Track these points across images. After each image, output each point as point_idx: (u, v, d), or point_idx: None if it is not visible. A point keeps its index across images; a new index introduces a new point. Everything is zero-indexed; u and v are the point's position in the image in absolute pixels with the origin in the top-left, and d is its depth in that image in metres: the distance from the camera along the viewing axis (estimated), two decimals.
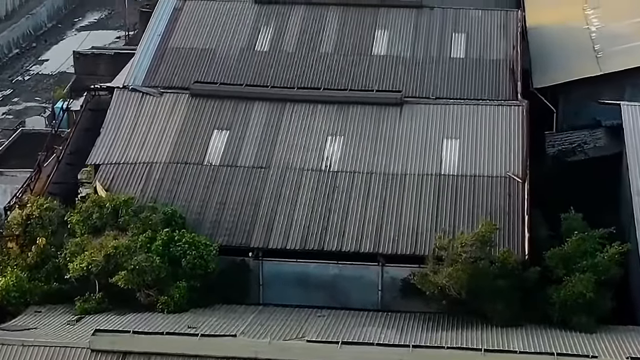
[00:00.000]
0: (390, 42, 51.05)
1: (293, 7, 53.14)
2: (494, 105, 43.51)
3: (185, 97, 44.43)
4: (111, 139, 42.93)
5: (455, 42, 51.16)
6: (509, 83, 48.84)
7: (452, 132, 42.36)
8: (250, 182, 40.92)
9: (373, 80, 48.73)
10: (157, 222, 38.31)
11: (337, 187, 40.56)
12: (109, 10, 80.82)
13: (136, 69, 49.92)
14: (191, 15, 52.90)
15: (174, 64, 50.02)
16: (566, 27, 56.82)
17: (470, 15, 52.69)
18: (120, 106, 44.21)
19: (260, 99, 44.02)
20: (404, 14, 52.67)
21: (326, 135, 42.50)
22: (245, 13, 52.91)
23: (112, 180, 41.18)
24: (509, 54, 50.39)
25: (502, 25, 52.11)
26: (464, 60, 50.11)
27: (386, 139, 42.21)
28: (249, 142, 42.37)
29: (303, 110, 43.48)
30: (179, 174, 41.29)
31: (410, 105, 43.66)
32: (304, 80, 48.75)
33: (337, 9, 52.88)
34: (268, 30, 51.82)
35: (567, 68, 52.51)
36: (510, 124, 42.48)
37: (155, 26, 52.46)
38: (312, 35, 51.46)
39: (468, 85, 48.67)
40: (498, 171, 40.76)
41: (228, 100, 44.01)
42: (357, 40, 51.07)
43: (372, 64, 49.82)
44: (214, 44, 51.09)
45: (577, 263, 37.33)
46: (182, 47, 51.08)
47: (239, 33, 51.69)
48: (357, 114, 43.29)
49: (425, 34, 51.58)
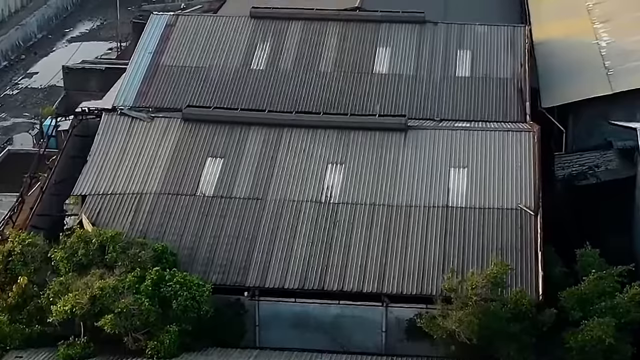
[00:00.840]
0: (392, 60, 48.33)
1: (291, 22, 50.40)
2: (504, 131, 40.64)
3: (177, 121, 41.57)
4: (98, 167, 40.09)
5: (460, 59, 48.44)
6: (517, 103, 46.17)
7: (459, 160, 39.52)
8: (245, 215, 38.08)
9: (374, 101, 46.09)
10: (146, 259, 35.49)
11: (338, 220, 37.74)
12: (101, 20, 77.91)
13: (126, 89, 47.22)
14: (184, 31, 50.15)
15: (166, 84, 47.34)
16: (574, 42, 54.05)
17: (476, 31, 49.95)
18: (109, 132, 41.36)
19: (256, 124, 41.16)
20: (406, 30, 49.93)
21: (326, 164, 39.66)
22: (240, 28, 50.19)
23: (100, 213, 38.36)
24: (517, 72, 47.69)
25: (509, 42, 49.38)
26: (470, 79, 47.41)
27: (390, 167, 39.36)
28: (244, 171, 39.53)
29: (301, 136, 40.63)
30: (170, 206, 38.45)
31: (414, 130, 40.80)
32: (302, 101, 46.14)
33: (337, 25, 50.14)
34: (264, 47, 49.09)
35: (577, 86, 49.77)
36: (520, 152, 39.65)
37: (146, 43, 49.71)
38: (310, 53, 48.74)
39: (474, 106, 46.02)
40: (508, 203, 37.95)
41: (222, 125, 41.15)
42: (357, 58, 48.35)
43: (373, 84, 47.12)
44: (208, 62, 48.39)
45: (594, 304, 34.57)
46: (174, 65, 48.36)
47: (234, 50, 48.97)
48: (359, 140, 40.43)
49: (428, 51, 48.86)
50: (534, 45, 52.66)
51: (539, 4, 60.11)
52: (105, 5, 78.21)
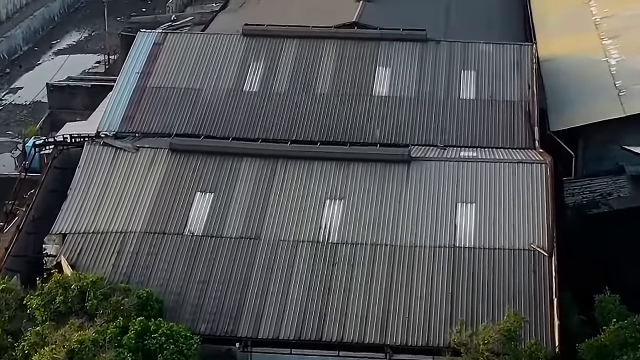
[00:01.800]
0: (393, 81, 45.19)
1: (285, 40, 47.21)
2: (514, 162, 37.52)
3: (164, 152, 38.37)
4: (79, 203, 36.91)
5: (464, 80, 45.31)
6: (525, 128, 43.08)
7: (467, 195, 36.39)
8: (237, 257, 34.92)
9: (374, 125, 42.97)
10: (129, 307, 32.41)
11: (337, 262, 34.61)
12: (89, 31, 74.55)
13: (111, 113, 44.04)
14: (173, 50, 46.96)
15: (153, 107, 44.16)
16: (583, 59, 50.86)
17: (480, 50, 46.81)
18: (91, 163, 38.16)
19: (249, 155, 38.02)
20: (407, 49, 46.78)
21: (324, 199, 36.50)
22: (233, 47, 46.99)
23: (80, 254, 35.20)
24: (524, 94, 44.62)
25: (515, 62, 46.25)
26: (475, 102, 44.31)
27: (392, 203, 36.21)
28: (235, 207, 36.36)
29: (297, 168, 37.48)
30: (156, 247, 35.28)
31: (418, 162, 37.68)
32: (298, 126, 42.96)
33: (334, 43, 46.95)
34: (258, 67, 45.93)
35: (587, 108, 46.64)
36: (532, 186, 36.54)
37: (133, 63, 46.50)
38: (306, 73, 45.56)
39: (480, 131, 42.91)
40: (521, 243, 34.85)
41: (212, 156, 37.97)
42: (356, 79, 45.18)
43: (373, 107, 43.97)
44: (198, 83, 45.22)
45: (616, 357, 31.60)
46: (162, 86, 45.19)
47: (226, 70, 45.79)
48: (359, 173, 37.27)
49: (431, 71, 45.72)
50: (541, 62, 49.56)
51: (544, 18, 56.95)
52: (93, 16, 74.84)
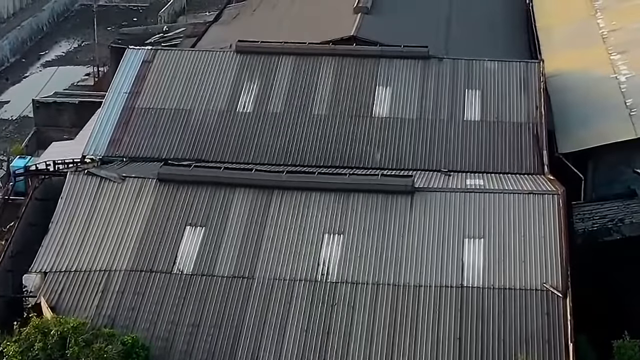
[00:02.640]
0: (394, 102, 42.66)
1: (281, 57, 44.67)
2: (524, 194, 34.91)
3: (152, 182, 35.68)
4: (61, 238, 34.28)
5: (469, 101, 42.80)
6: (533, 151, 40.61)
7: (474, 230, 33.77)
8: (229, 298, 32.27)
9: (374, 149, 40.53)
10: (113, 355, 29.86)
11: (337, 303, 31.99)
12: (78, 42, 71.88)
13: (98, 135, 41.56)
14: (163, 68, 44.40)
15: (141, 129, 41.67)
16: (591, 76, 48.33)
17: (485, 68, 44.26)
18: (73, 195, 35.53)
19: (242, 186, 35.39)
20: (408, 67, 44.24)
21: (322, 234, 33.91)
22: (226, 65, 44.43)
23: (61, 294, 32.58)
24: (532, 115, 42.10)
25: (522, 80, 43.72)
26: (480, 124, 41.78)
27: (395, 238, 33.61)
28: (228, 242, 33.74)
29: (293, 200, 34.86)
30: (142, 286, 32.62)
31: (422, 193, 35.06)
32: (294, 150, 40.52)
33: (332, 60, 44.41)
34: (252, 87, 43.40)
35: (596, 128, 44.17)
36: (544, 219, 33.92)
37: (121, 82, 43.94)
38: (303, 93, 43.02)
39: (486, 155, 40.43)
40: (532, 282, 32.26)
41: (203, 187, 35.31)
42: (354, 99, 42.65)
43: (372, 129, 41.47)
44: (189, 104, 42.69)
45: None
46: (151, 107, 42.67)
47: (218, 90, 43.25)
48: (359, 205, 34.64)
49: (433, 91, 43.19)
50: (547, 79, 47.08)
51: (548, 31, 54.44)
52: (83, 25, 72.23)
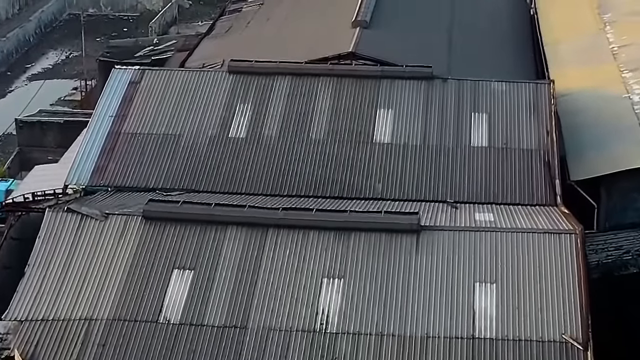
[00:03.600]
0: (396, 126, 39.80)
1: (276, 77, 41.79)
2: (539, 233, 32.01)
3: (137, 220, 32.74)
4: (39, 283, 31.25)
5: (475, 125, 39.95)
6: (544, 181, 37.81)
7: (486, 273, 30.85)
8: (220, 350, 29.16)
9: (376, 178, 37.69)
10: None
11: (337, 356, 29.15)
12: (66, 53, 68.89)
13: (81, 163, 38.69)
14: (151, 89, 41.51)
15: (128, 156, 38.81)
16: (602, 96, 45.45)
17: (492, 90, 41.40)
18: (52, 235, 32.55)
19: (235, 224, 32.48)
20: (411, 88, 41.37)
21: (321, 278, 30.97)
22: (217, 86, 41.55)
23: (37, 346, 29.49)
24: (543, 141, 39.28)
25: (532, 103, 40.88)
26: (488, 150, 38.95)
27: (400, 283, 30.66)
28: (219, 288, 30.76)
29: (290, 240, 31.92)
30: (126, 337, 29.57)
31: (429, 232, 32.18)
32: (289, 179, 37.66)
33: (330, 81, 41.52)
34: (245, 110, 40.54)
35: (610, 153, 41.29)
36: (562, 262, 31.02)
37: (106, 105, 41.03)
38: (299, 116, 40.15)
39: (494, 185, 37.58)
40: (550, 333, 29.36)
41: (192, 225, 32.38)
42: (354, 123, 39.77)
43: (373, 156, 38.60)
44: (178, 129, 39.82)
45: None
46: (139, 132, 39.80)
47: (209, 113, 40.37)
48: (361, 246, 31.69)
49: (438, 114, 40.32)
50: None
51: (555, 46, 51.64)
52: (72, 35, 69.15)
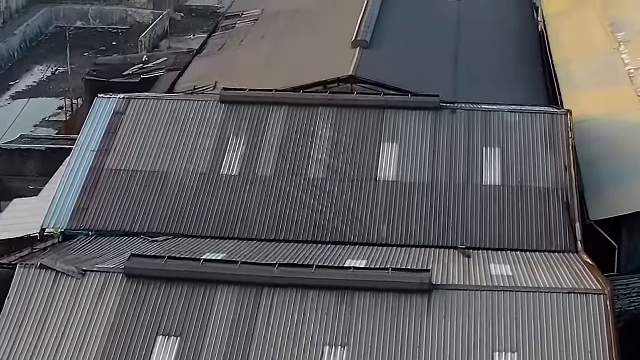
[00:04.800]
0: (402, 162, 36.28)
1: (272, 108, 38.26)
2: (563, 293, 28.49)
3: (118, 278, 29.14)
4: (8, 348, 27.59)
5: (487, 161, 36.43)
6: (564, 224, 34.34)
7: (505, 341, 27.20)
8: None
9: (380, 221, 34.26)
10: None
11: None
12: (52, 69, 65.18)
13: (60, 203, 35.22)
14: (137, 121, 37.99)
15: (111, 196, 35.31)
16: (620, 123, 41.90)
17: (505, 121, 37.87)
18: (24, 295, 28.87)
19: (226, 283, 28.91)
20: (417, 119, 37.85)
21: (322, 346, 27.30)
22: (208, 117, 38.02)
23: None
24: (560, 178, 35.81)
25: (548, 136, 37.35)
26: (501, 189, 35.43)
27: (410, 351, 27.21)
28: (207, 358, 27.35)
29: (287, 301, 28.27)
30: None
31: (441, 292, 28.64)
32: (285, 222, 34.19)
33: (331, 112, 38.01)
34: (239, 144, 37.03)
35: (631, 189, 37.89)
36: (589, 328, 27.46)
37: (88, 138, 37.50)
38: (297, 152, 36.64)
39: (509, 229, 34.09)
40: None
41: (179, 284, 28.80)
42: (356, 159, 36.27)
43: (378, 196, 35.09)
44: (166, 165, 36.30)
45: None
46: (123, 169, 36.28)
47: (200, 147, 36.84)
48: (366, 308, 28.02)
49: (447, 148, 36.79)
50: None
51: (567, 67, 48.13)
52: (58, 50, 65.26)
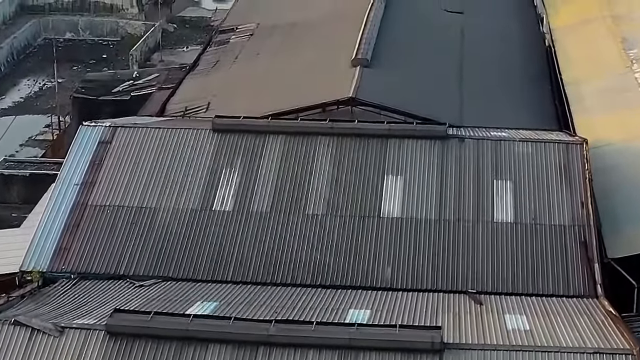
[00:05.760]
0: (407, 197, 33.57)
1: (268, 137, 35.53)
2: (588, 353, 25.75)
3: (99, 337, 26.38)
4: None
5: (498, 196, 33.70)
6: (582, 266, 31.67)
7: None
8: None
9: (384, 262, 31.65)
10: None
11: None
12: (40, 84, 62.30)
13: (40, 242, 32.57)
14: (123, 152, 35.24)
15: (95, 234, 32.65)
16: (635, 150, 39.34)
17: (516, 151, 35.12)
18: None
19: (217, 341, 26.11)
20: (423, 149, 35.13)
21: None
22: (200, 148, 35.30)
23: None
24: (577, 215, 33.10)
25: (562, 167, 34.65)
26: (514, 227, 32.72)
27: None
28: None
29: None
30: None
31: (454, 352, 25.88)
32: (282, 263, 31.63)
33: (331, 141, 35.29)
34: (232, 177, 34.31)
35: None
36: None
37: (71, 170, 34.77)
38: (295, 185, 33.96)
39: (523, 271, 31.44)
40: None
41: (167, 343, 26.11)
42: (358, 194, 33.59)
43: (381, 234, 32.43)
44: (154, 201, 33.57)
45: None
46: (108, 204, 33.57)
47: (190, 181, 34.17)
48: None
49: (455, 182, 34.08)
50: None
51: (578, 87, 45.34)
52: (46, 63, 62.00)
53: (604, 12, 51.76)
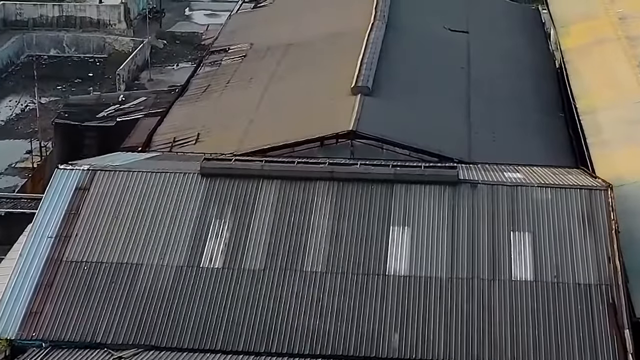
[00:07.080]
0: (415, 251, 30.03)
1: (261, 182, 31.98)
2: None
3: None
4: None
5: (516, 250, 30.14)
6: (610, 331, 28.18)
7: None
8: None
9: (392, 327, 28.16)
10: None
11: None
12: (22, 105, 58.64)
13: (9, 306, 29.06)
14: (102, 200, 31.63)
15: (70, 296, 29.15)
16: None
17: (534, 198, 31.48)
18: None
19: None
20: (432, 196, 31.54)
21: None
22: (187, 195, 31.70)
23: None
24: (604, 271, 29.57)
25: (586, 216, 31.02)
26: (534, 286, 29.19)
27: None
28: None
29: None
30: None
31: None
32: (278, 332, 28.16)
33: (330, 187, 31.71)
34: (222, 229, 30.78)
35: None
36: None
37: (45, 221, 31.18)
38: (291, 239, 30.41)
39: (545, 337, 28.00)
40: None
41: None
42: (361, 249, 30.06)
43: (387, 296, 28.92)
44: (136, 256, 30.05)
45: None
46: (85, 260, 30.05)
47: (176, 233, 30.62)
48: None
49: (468, 233, 30.50)
50: None
51: (594, 118, 41.64)
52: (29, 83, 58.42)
53: (619, 33, 48.21)
